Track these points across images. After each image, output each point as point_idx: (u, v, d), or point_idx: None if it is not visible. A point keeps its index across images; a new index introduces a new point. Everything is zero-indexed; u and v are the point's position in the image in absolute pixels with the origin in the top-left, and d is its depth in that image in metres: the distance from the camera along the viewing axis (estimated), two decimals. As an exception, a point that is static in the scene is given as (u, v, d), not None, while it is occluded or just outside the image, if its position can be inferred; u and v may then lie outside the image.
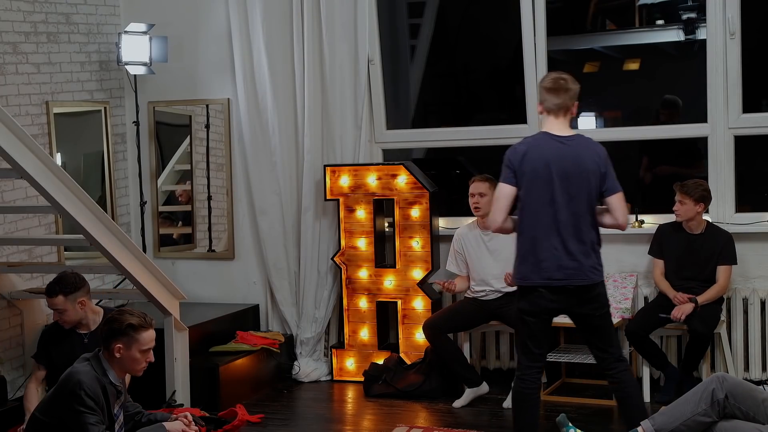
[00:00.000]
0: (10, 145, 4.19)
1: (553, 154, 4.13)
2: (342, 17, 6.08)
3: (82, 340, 4.83)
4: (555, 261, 4.12)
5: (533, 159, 4.13)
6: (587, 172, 4.14)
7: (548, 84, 4.20)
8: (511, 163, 4.17)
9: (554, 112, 4.19)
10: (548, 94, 4.19)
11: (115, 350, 3.97)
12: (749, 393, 3.85)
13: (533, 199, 4.14)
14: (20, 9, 5.75)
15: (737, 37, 5.56)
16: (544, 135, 4.21)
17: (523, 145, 4.20)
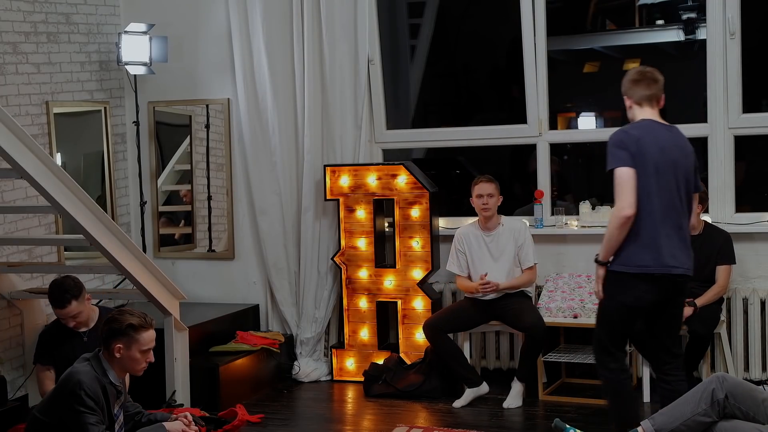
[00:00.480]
0: (10, 145, 4.19)
1: (666, 140, 4.08)
2: (342, 17, 6.08)
3: (82, 339, 4.85)
4: (670, 249, 4.04)
5: (649, 144, 4.03)
6: (690, 164, 4.12)
7: (636, 76, 4.17)
8: (625, 145, 4.03)
9: (647, 102, 4.15)
10: (637, 86, 4.15)
11: (115, 350, 3.98)
12: (749, 393, 3.85)
13: (649, 183, 4.01)
14: (20, 9, 5.75)
15: (737, 37, 5.56)
16: (651, 121, 4.13)
17: (635, 129, 4.10)
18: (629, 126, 4.17)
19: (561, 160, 6.78)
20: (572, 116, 7.36)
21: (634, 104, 4.20)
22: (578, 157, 7.32)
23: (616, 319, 4.15)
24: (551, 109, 6.11)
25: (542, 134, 6.05)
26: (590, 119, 7.37)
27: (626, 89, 4.21)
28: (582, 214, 5.96)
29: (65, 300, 4.75)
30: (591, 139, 6.78)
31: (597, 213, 5.95)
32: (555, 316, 5.55)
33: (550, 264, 5.96)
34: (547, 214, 6.04)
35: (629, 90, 4.19)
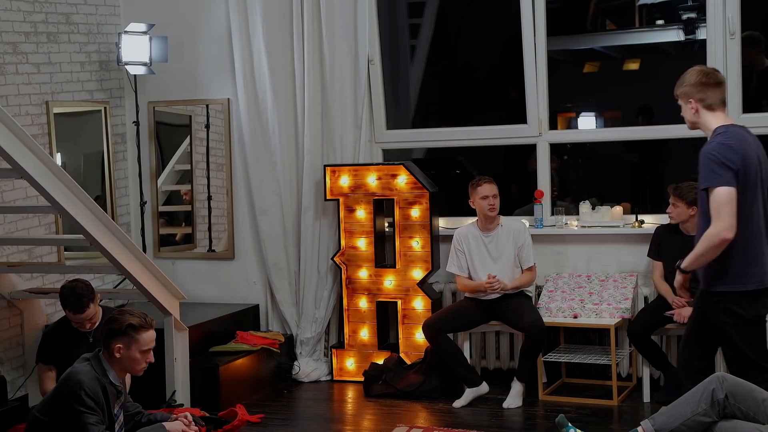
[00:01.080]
0: (10, 145, 4.20)
1: (756, 147, 3.90)
2: (342, 17, 6.08)
3: (88, 339, 4.86)
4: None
5: (749, 157, 3.82)
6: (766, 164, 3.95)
7: (703, 78, 3.93)
8: (732, 163, 3.76)
9: (720, 106, 3.96)
10: (707, 89, 3.92)
11: (115, 350, 3.98)
12: (749, 393, 3.84)
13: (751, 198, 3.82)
14: (20, 9, 5.76)
15: (737, 37, 5.56)
16: (737, 127, 3.91)
17: (732, 140, 3.82)
18: (727, 137, 3.85)
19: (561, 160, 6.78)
20: (572, 116, 7.35)
21: (703, 108, 3.95)
22: (578, 157, 7.32)
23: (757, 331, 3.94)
24: (551, 109, 6.11)
25: (542, 134, 6.05)
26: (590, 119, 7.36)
27: (691, 91, 3.94)
28: (582, 214, 5.96)
29: (83, 305, 4.77)
30: (591, 139, 6.79)
31: (597, 213, 5.95)
32: (555, 316, 5.55)
33: (550, 264, 5.96)
34: (547, 214, 6.04)
35: (697, 92, 3.94)
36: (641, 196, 6.78)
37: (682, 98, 4.02)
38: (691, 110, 3.98)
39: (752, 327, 3.93)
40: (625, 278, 5.70)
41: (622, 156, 6.97)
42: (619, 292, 5.60)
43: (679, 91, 4.02)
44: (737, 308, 3.87)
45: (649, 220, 5.84)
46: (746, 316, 3.89)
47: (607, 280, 5.73)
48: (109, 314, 4.23)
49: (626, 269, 5.82)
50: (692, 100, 3.97)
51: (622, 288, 5.62)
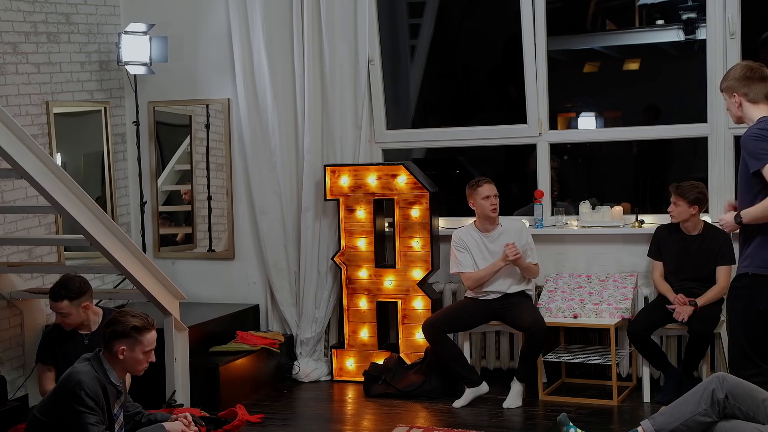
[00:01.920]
0: (10, 145, 4.20)
1: None
2: (342, 17, 6.08)
3: (83, 341, 4.85)
4: None
5: None
6: None
7: (748, 72, 4.01)
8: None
9: (762, 100, 4.00)
10: (752, 83, 3.99)
11: (118, 352, 3.99)
12: (749, 393, 3.84)
13: None
14: (20, 9, 5.75)
15: (737, 37, 5.56)
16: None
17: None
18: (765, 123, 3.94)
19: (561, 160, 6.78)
20: (572, 116, 7.35)
21: (746, 101, 4.02)
22: (578, 157, 7.32)
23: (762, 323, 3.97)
24: (551, 109, 6.11)
25: (542, 134, 6.05)
26: (590, 119, 7.36)
27: (735, 86, 4.03)
28: (582, 214, 5.96)
29: (58, 296, 4.76)
30: (591, 139, 6.79)
31: (597, 213, 5.95)
32: (555, 316, 5.55)
33: (550, 264, 5.96)
34: (547, 214, 6.04)
35: (741, 86, 4.01)
36: (641, 196, 6.79)
37: (726, 92, 4.09)
38: (735, 104, 4.06)
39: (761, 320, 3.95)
40: (625, 278, 5.71)
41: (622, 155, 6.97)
42: (619, 292, 5.60)
43: (723, 86, 4.10)
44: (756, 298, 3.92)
45: (649, 220, 5.84)
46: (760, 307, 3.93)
47: (607, 280, 5.73)
48: (110, 316, 4.22)
49: (626, 269, 5.82)
50: (736, 94, 4.04)
51: (622, 288, 5.62)
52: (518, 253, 5.48)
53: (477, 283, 5.63)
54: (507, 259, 5.49)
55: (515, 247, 5.48)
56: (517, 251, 5.48)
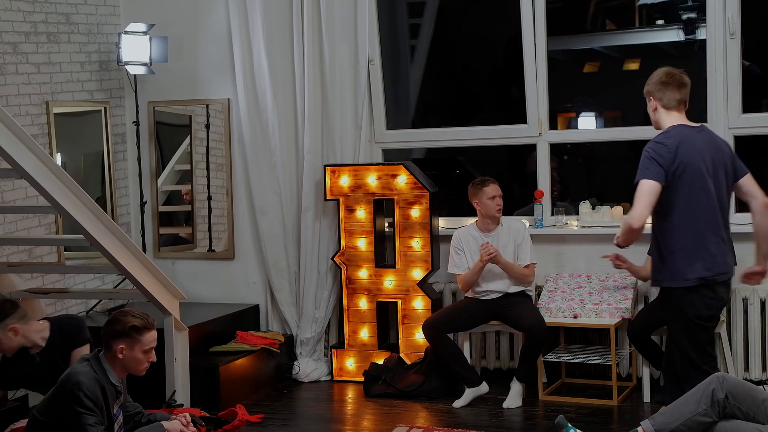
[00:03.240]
0: (10, 145, 4.20)
1: (702, 144, 4.00)
2: (342, 17, 6.08)
3: (34, 360, 4.76)
4: (723, 254, 4.01)
5: (687, 153, 3.94)
6: (726, 158, 4.06)
7: (665, 78, 4.08)
8: (662, 159, 3.93)
9: (676, 107, 4.08)
10: (666, 89, 4.07)
11: (118, 351, 3.99)
12: (749, 393, 3.84)
13: (695, 193, 3.95)
14: (20, 9, 5.76)
15: (737, 37, 5.56)
16: (683, 127, 4.04)
17: (669, 138, 3.99)
18: (663, 136, 4.04)
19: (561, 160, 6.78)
20: (572, 116, 7.35)
21: (661, 107, 4.10)
22: (578, 157, 7.32)
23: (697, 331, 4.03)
24: (551, 109, 6.11)
25: (542, 134, 6.05)
26: (590, 119, 7.36)
27: (653, 90, 4.11)
28: (582, 214, 5.96)
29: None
30: (591, 139, 6.79)
31: (597, 213, 5.95)
32: (555, 316, 5.55)
33: (550, 264, 5.96)
34: (547, 214, 6.04)
35: (657, 92, 4.09)
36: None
37: (646, 96, 4.17)
38: (652, 108, 4.15)
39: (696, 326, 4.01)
40: (625, 278, 5.70)
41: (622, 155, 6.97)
42: (619, 292, 5.60)
43: (644, 90, 4.18)
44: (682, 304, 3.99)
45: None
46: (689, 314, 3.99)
47: (607, 280, 5.73)
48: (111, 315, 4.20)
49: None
50: (652, 98, 4.13)
51: (622, 288, 5.62)
52: (492, 252, 5.49)
53: (466, 285, 5.68)
54: (483, 259, 5.50)
55: (489, 246, 5.51)
56: (492, 250, 5.49)
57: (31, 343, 4.74)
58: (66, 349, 4.76)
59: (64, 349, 4.76)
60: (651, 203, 3.93)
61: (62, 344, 4.77)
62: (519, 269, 5.60)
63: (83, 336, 4.82)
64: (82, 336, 4.82)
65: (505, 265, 5.55)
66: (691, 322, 4.00)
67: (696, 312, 4.00)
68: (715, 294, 4.00)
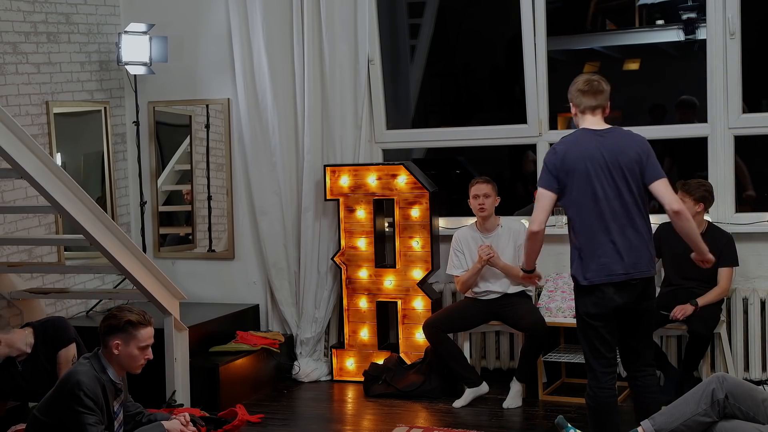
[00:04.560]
0: (10, 145, 4.20)
1: (594, 148, 4.11)
2: (342, 17, 6.08)
3: (17, 368, 4.75)
4: (613, 256, 4.06)
5: (575, 158, 4.09)
6: (629, 160, 4.11)
7: (582, 87, 4.23)
8: (551, 167, 4.14)
9: (590, 111, 4.22)
10: (584, 97, 4.22)
11: (113, 347, 3.98)
12: (749, 393, 3.84)
13: (582, 196, 4.09)
14: (20, 9, 5.76)
15: (737, 37, 5.56)
16: (583, 131, 4.20)
17: (562, 145, 4.19)
18: (560, 141, 4.24)
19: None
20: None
21: (579, 113, 4.26)
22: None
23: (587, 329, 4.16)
24: (551, 109, 6.11)
25: (542, 134, 6.05)
26: (590, 119, 7.35)
27: (573, 97, 4.28)
28: (582, 214, 5.95)
29: None
30: (591, 139, 6.77)
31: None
32: (555, 316, 5.55)
33: (550, 264, 5.95)
34: (547, 214, 6.03)
35: (575, 98, 4.26)
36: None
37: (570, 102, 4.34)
38: (573, 114, 4.31)
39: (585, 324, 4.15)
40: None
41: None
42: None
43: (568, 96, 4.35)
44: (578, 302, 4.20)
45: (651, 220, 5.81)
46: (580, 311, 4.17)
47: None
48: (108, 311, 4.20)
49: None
50: (572, 105, 4.30)
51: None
52: (491, 254, 5.50)
53: (464, 286, 5.69)
54: (481, 260, 5.50)
55: (489, 249, 5.52)
56: (491, 252, 5.50)
57: (16, 351, 4.73)
58: (51, 352, 4.75)
59: (49, 352, 4.75)
60: (545, 208, 4.18)
61: (47, 347, 4.76)
62: (519, 271, 5.58)
63: (67, 336, 4.81)
64: (67, 336, 4.81)
65: (504, 267, 5.55)
66: (581, 318, 4.18)
67: (585, 310, 4.15)
68: (603, 294, 4.08)
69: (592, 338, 4.15)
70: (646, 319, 4.22)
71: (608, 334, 4.12)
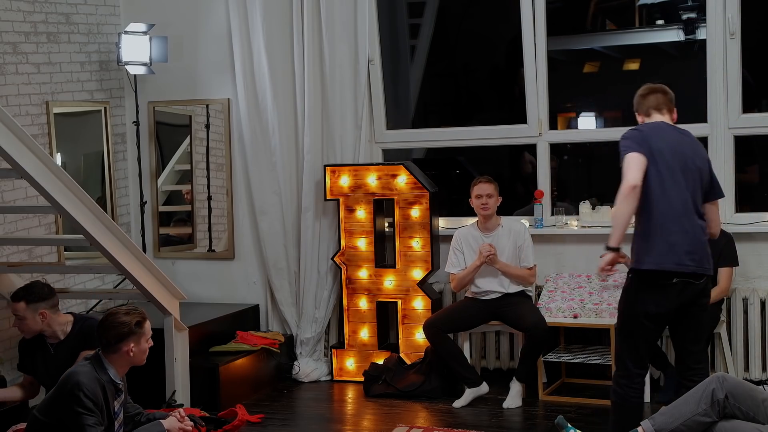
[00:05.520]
0: (10, 145, 4.20)
1: (676, 140, 4.10)
2: (342, 17, 6.08)
3: (49, 350, 4.82)
4: (686, 245, 4.01)
5: (657, 141, 4.05)
6: (703, 165, 4.14)
7: (643, 91, 4.27)
8: (636, 139, 4.04)
9: (655, 110, 4.21)
10: (644, 100, 4.24)
11: (127, 351, 4.06)
12: (749, 393, 3.84)
13: (659, 182, 4.02)
14: (20, 9, 5.76)
15: (737, 37, 5.56)
16: (662, 122, 4.18)
17: (645, 127, 4.14)
18: (637, 126, 4.20)
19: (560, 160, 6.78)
20: (572, 116, 7.35)
21: (643, 116, 4.24)
22: (578, 157, 7.32)
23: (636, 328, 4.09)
24: (551, 109, 6.11)
25: (542, 134, 6.06)
26: (590, 119, 7.36)
27: (636, 105, 4.29)
28: (582, 214, 5.96)
29: (17, 296, 4.74)
30: (591, 139, 6.78)
31: (597, 213, 5.95)
32: (555, 316, 5.55)
33: (550, 264, 5.96)
34: (547, 214, 6.04)
35: (638, 105, 4.27)
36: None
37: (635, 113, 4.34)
38: (640, 122, 4.29)
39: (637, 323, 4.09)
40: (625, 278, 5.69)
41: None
42: (619, 292, 5.57)
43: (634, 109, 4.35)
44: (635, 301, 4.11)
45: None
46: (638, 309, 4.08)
47: (607, 280, 5.72)
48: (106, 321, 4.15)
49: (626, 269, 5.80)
50: (637, 114, 4.30)
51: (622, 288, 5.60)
52: (491, 251, 5.50)
53: (459, 283, 5.69)
54: (482, 258, 5.51)
55: (491, 248, 5.53)
56: (491, 250, 5.50)
57: (51, 332, 4.81)
58: (79, 348, 4.79)
59: (77, 347, 4.79)
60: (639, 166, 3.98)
61: (77, 342, 4.81)
62: (518, 271, 5.59)
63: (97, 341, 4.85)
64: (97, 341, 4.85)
65: (503, 267, 5.55)
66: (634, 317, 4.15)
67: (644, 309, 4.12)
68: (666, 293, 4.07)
69: (638, 339, 4.09)
70: (704, 316, 4.22)
71: (655, 336, 4.11)
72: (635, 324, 4.10)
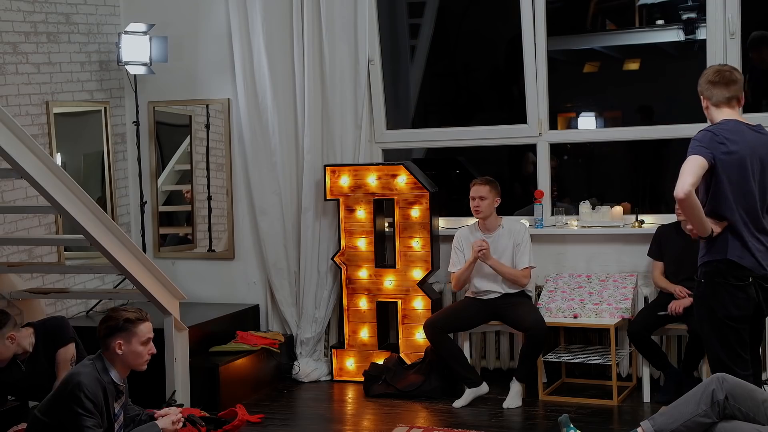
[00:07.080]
0: (10, 145, 4.20)
1: (754, 140, 3.94)
2: (342, 17, 6.08)
3: (20, 368, 4.77)
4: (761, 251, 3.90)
5: (736, 143, 3.88)
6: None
7: (713, 77, 4.02)
8: (708, 143, 3.85)
9: (726, 104, 4.02)
10: (715, 88, 4.01)
11: (116, 347, 3.99)
12: (749, 394, 3.84)
13: (739, 182, 3.87)
14: (20, 9, 5.76)
15: (737, 37, 5.56)
16: (736, 122, 3.96)
17: (721, 128, 3.92)
18: (715, 126, 3.97)
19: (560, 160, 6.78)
20: (572, 116, 7.35)
21: (711, 105, 4.05)
22: (578, 157, 7.33)
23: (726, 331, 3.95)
24: (551, 109, 6.11)
25: (542, 134, 6.06)
26: (590, 119, 7.36)
27: (703, 89, 4.07)
28: (582, 214, 5.96)
29: None
30: (591, 139, 6.79)
31: (597, 213, 5.95)
32: (555, 316, 5.55)
33: (550, 264, 5.96)
34: (547, 214, 6.04)
35: (706, 91, 4.04)
36: (641, 196, 6.78)
37: (700, 94, 4.12)
38: (704, 106, 4.10)
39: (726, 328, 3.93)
40: (625, 278, 5.70)
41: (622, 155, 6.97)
42: (619, 292, 5.60)
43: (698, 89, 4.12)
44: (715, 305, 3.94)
45: (649, 220, 5.84)
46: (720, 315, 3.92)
47: (607, 280, 5.73)
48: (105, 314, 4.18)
49: (626, 269, 5.82)
50: (703, 98, 4.09)
51: (622, 288, 5.62)
52: (483, 247, 5.50)
53: (457, 282, 5.70)
54: (474, 254, 5.52)
55: (483, 243, 5.53)
56: (483, 245, 5.51)
57: (22, 349, 4.76)
58: (51, 351, 4.78)
59: (49, 352, 4.77)
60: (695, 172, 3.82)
61: (47, 347, 4.78)
62: (509, 271, 5.57)
63: (66, 335, 4.83)
64: (65, 335, 4.83)
65: (495, 264, 5.55)
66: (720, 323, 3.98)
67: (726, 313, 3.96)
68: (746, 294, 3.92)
69: (734, 343, 3.95)
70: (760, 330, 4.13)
71: (747, 336, 3.95)
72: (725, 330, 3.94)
